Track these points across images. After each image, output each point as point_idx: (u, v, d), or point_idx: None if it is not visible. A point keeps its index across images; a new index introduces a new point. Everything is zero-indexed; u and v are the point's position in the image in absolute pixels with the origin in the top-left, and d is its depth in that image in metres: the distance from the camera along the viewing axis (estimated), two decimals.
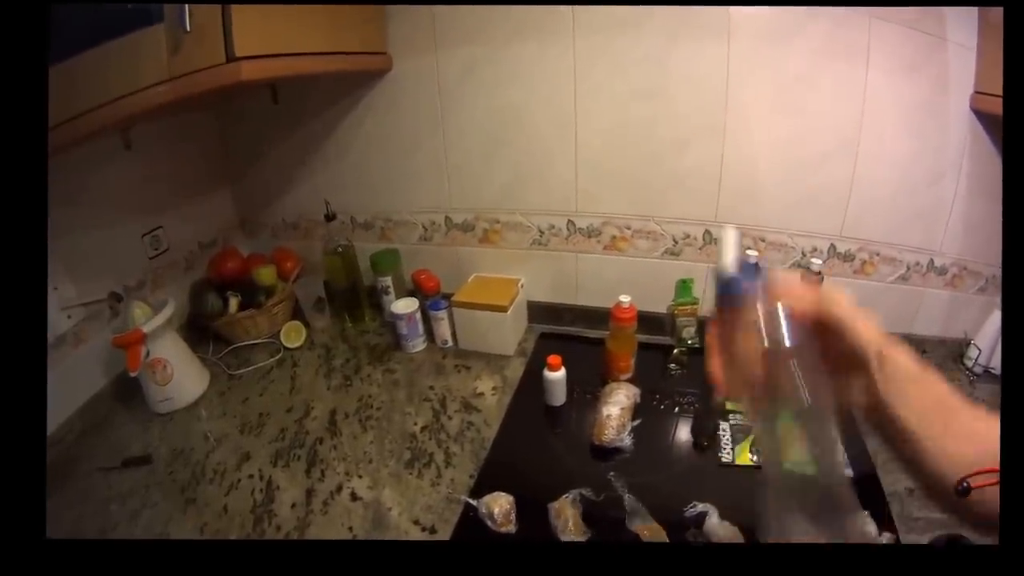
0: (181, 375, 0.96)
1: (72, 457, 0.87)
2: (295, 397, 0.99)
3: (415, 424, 0.90)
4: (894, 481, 0.72)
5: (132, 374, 0.90)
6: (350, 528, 0.72)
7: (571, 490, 0.73)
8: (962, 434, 0.38)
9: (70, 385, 0.93)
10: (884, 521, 0.67)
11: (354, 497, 0.77)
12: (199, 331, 1.13)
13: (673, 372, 1.00)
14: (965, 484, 0.36)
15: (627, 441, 0.82)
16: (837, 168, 0.92)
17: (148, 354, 0.91)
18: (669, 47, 0.88)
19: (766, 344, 0.31)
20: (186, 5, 0.64)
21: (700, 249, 1.01)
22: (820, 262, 0.89)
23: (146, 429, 0.93)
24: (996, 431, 0.38)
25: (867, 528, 0.64)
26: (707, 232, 0.99)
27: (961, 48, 0.82)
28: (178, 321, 1.10)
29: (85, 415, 0.94)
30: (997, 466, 0.36)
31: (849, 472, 0.74)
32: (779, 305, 0.31)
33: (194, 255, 1.17)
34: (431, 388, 0.99)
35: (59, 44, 0.67)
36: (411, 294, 1.13)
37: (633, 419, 0.85)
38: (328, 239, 1.11)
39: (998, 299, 0.99)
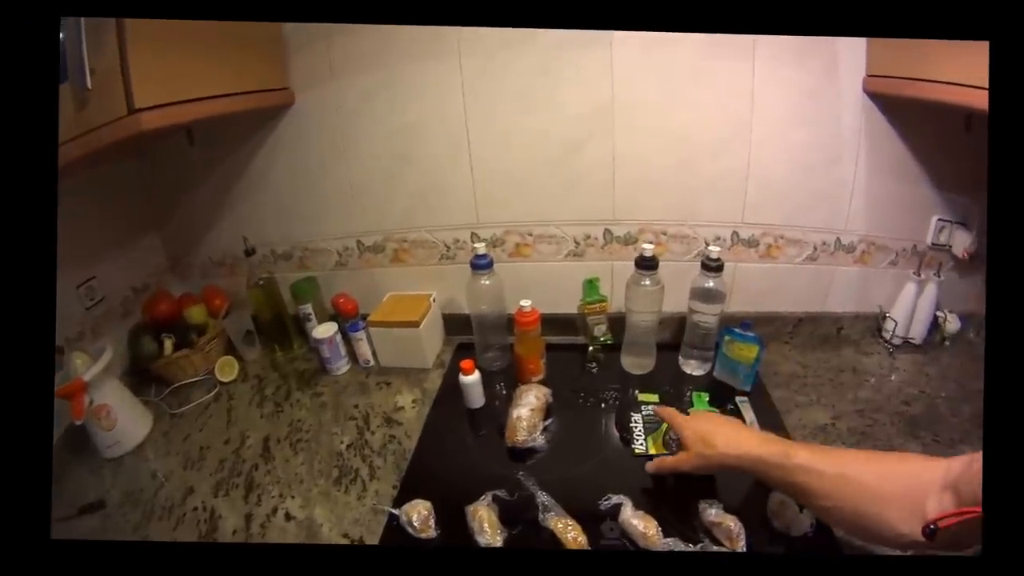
0: (125, 419, 1.07)
1: None
2: (231, 429, 1.10)
3: (341, 443, 1.02)
4: None
5: (77, 423, 1.01)
6: None
7: (487, 492, 0.82)
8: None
9: None
10: None
11: (288, 517, 0.87)
12: (141, 374, 1.25)
13: (593, 370, 1.13)
14: (933, 527, 0.45)
15: (540, 440, 0.92)
16: (732, 156, 1.02)
17: (92, 402, 1.02)
18: (555, 57, 0.99)
19: None
20: (86, 63, 0.72)
21: (603, 248, 1.12)
22: (717, 250, 1.00)
23: (98, 475, 1.03)
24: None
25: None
26: (607, 231, 1.11)
27: None
28: (120, 367, 1.23)
29: None
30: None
31: None
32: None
33: (129, 300, 1.29)
34: (355, 407, 1.11)
35: None
36: (333, 318, 1.25)
37: (545, 419, 0.97)
38: (250, 274, 1.23)
39: (910, 271, 1.10)
